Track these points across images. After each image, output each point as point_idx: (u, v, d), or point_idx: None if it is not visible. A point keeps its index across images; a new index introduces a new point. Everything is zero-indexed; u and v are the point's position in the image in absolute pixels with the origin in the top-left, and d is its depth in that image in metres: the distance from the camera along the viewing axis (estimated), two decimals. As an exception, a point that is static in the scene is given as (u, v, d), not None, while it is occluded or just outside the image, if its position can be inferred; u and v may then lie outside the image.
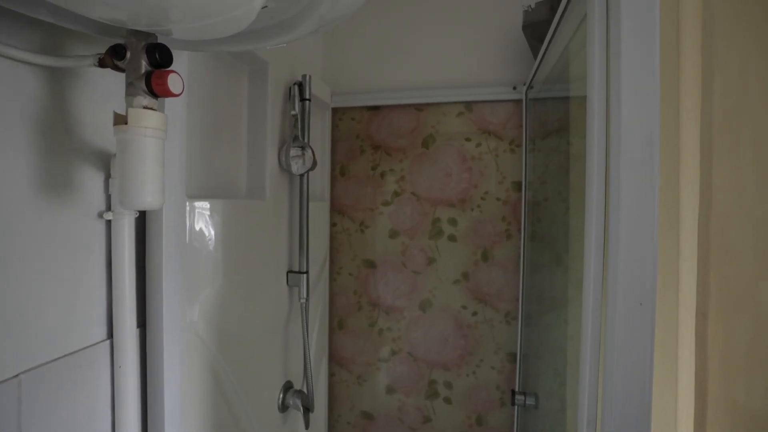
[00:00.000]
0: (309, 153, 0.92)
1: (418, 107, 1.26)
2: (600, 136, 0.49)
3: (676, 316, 0.49)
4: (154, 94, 0.44)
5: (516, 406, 1.18)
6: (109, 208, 0.59)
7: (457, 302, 1.26)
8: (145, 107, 0.44)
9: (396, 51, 1.27)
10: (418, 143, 1.27)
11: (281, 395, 1.00)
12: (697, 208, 0.46)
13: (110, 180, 0.59)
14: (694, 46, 0.45)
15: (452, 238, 1.26)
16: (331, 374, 1.39)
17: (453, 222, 1.26)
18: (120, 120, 0.44)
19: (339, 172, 1.35)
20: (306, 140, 0.93)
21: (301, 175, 0.95)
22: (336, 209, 1.35)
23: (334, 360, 1.39)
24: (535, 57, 1.04)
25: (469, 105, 1.22)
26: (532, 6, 0.97)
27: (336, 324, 1.38)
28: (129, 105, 0.44)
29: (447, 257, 1.27)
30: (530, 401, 1.06)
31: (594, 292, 0.50)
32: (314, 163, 0.94)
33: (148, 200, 0.45)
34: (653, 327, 0.44)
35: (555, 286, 1.08)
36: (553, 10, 0.92)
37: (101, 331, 0.61)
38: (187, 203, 0.67)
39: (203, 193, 0.75)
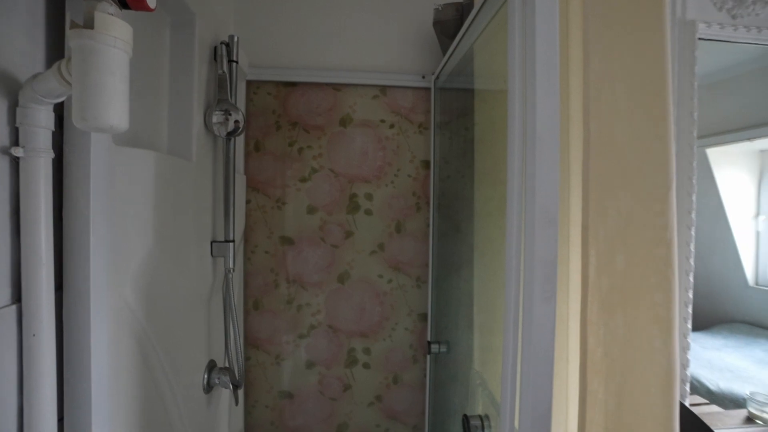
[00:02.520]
0: (237, 115, 0.89)
1: (336, 87, 1.31)
2: (520, 116, 0.63)
3: (568, 230, 0.68)
4: (122, 4, 0.41)
5: (429, 355, 1.33)
6: (16, 143, 0.50)
7: (374, 272, 1.36)
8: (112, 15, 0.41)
9: (314, 31, 1.30)
10: (336, 122, 1.32)
11: (206, 375, 0.93)
12: (580, 167, 0.65)
13: (18, 109, 0.49)
14: (578, 67, 0.65)
15: (368, 212, 1.35)
16: (246, 358, 1.33)
17: (369, 197, 1.34)
18: (78, 25, 0.39)
19: (254, 147, 1.30)
20: (234, 101, 0.89)
21: (228, 140, 0.91)
22: (251, 186, 1.30)
23: (250, 343, 1.34)
24: (443, 51, 1.20)
25: (383, 89, 1.33)
26: (441, 6, 1.13)
27: (251, 305, 1.33)
28: (93, 9, 0.39)
29: (364, 230, 1.35)
30: (443, 348, 1.22)
31: (517, 216, 0.64)
32: (242, 126, 0.91)
33: (115, 121, 0.41)
34: (557, 237, 0.60)
35: (461, 248, 1.25)
36: (459, 11, 1.09)
37: (3, 295, 0.50)
38: (116, 149, 0.59)
39: (128, 144, 0.67)
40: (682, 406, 0.98)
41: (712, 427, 1.05)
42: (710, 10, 1.13)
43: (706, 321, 2.12)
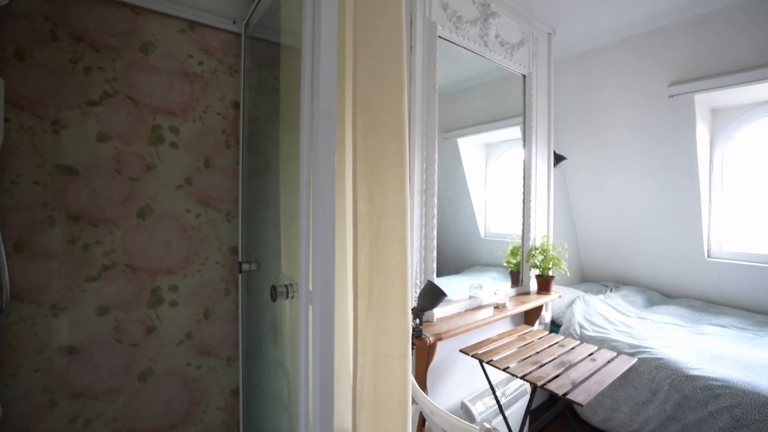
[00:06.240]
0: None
1: (136, 10, 1.24)
2: (308, 87, 0.81)
3: (344, 170, 0.92)
4: None
5: (241, 274, 1.41)
6: None
7: (181, 206, 1.35)
8: None
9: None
10: (135, 47, 1.25)
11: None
12: (351, 136, 0.90)
13: None
14: (348, 69, 0.90)
15: (174, 145, 1.33)
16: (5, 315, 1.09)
17: (175, 130, 1.33)
18: None
19: (14, 54, 1.09)
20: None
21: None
22: (11, 102, 1.09)
23: (11, 295, 1.10)
24: (251, -2, 1.32)
25: (192, 25, 1.34)
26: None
27: (12, 248, 1.10)
28: None
29: (169, 163, 1.32)
30: (253, 267, 1.33)
31: (307, 156, 0.83)
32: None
33: None
34: (334, 169, 0.81)
35: (270, 184, 1.40)
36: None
37: None
38: None
39: None
40: (430, 282, 1.41)
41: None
42: (444, 18, 1.65)
43: (460, 266, 2.92)
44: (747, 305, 2.41)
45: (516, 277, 2.13)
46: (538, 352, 1.49)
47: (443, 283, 1.92)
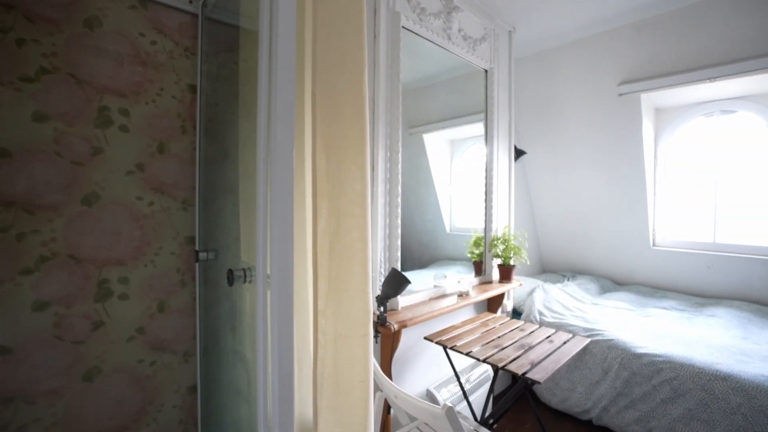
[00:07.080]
0: None
1: (77, -20, 1.15)
2: (266, 65, 0.79)
3: (303, 163, 0.90)
4: None
5: (198, 263, 1.35)
6: None
7: (132, 194, 1.27)
8: None
9: None
10: (78, 21, 1.16)
11: None
12: (311, 115, 0.88)
13: None
14: (307, 58, 0.88)
15: (124, 128, 1.25)
16: (-76, 303, 0.98)
17: (125, 112, 1.25)
18: None
19: (-66, 21, 0.98)
20: None
21: None
22: (-72, 72, 0.98)
23: (-70, 285, 0.99)
24: (208, -25, 1.26)
25: (143, 2, 1.26)
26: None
27: (-69, 235, 0.99)
28: None
29: (118, 148, 1.24)
30: (211, 255, 1.28)
31: (264, 142, 0.80)
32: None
33: None
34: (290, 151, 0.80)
35: (229, 171, 1.35)
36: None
37: None
38: None
39: None
40: (395, 270, 1.42)
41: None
42: (408, 9, 1.66)
43: (426, 261, 2.95)
44: (685, 289, 2.61)
45: (479, 267, 2.18)
46: (499, 337, 1.53)
47: (409, 276, 1.93)
